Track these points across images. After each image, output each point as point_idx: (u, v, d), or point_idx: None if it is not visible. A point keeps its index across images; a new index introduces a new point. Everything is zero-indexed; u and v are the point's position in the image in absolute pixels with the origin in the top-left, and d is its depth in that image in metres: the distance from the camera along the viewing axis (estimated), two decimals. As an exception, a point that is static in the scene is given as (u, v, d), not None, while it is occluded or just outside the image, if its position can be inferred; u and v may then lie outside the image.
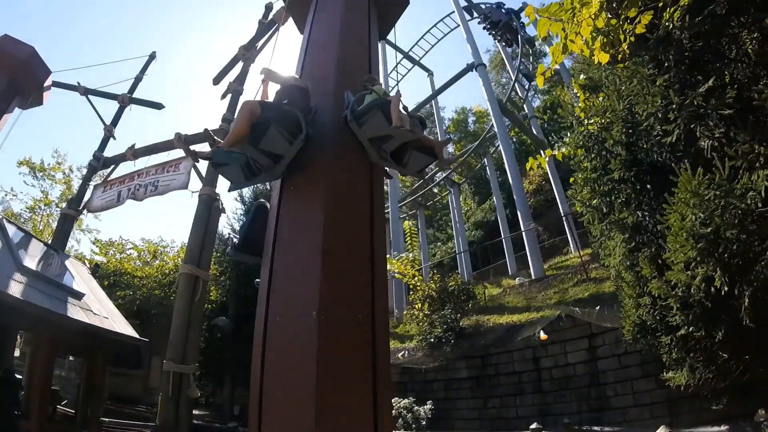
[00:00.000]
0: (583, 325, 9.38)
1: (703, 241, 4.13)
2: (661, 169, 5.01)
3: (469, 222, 31.25)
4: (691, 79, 4.69)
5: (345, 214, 3.91)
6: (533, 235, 15.98)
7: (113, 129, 13.77)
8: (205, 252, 8.63)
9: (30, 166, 21.72)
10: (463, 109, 44.13)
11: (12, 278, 7.47)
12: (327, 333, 3.29)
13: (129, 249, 19.23)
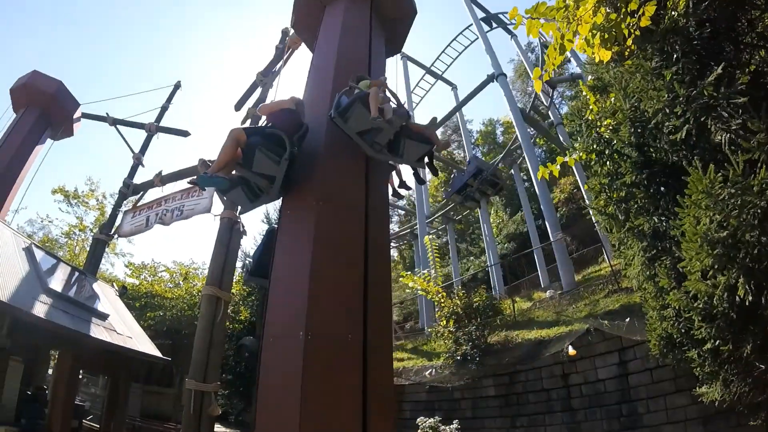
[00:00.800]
0: (613, 338, 8.94)
1: (719, 246, 3.83)
2: (675, 170, 4.71)
3: (501, 235, 30.77)
4: (702, 70, 4.36)
5: (337, 236, 3.86)
6: (562, 245, 15.51)
7: (142, 157, 14.29)
8: (226, 274, 8.72)
9: (64, 194, 22.91)
10: (490, 120, 43.80)
11: (38, 300, 7.83)
12: (312, 354, 3.22)
13: (161, 271, 19.78)
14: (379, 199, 4.38)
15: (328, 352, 3.19)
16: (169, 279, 19.15)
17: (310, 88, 5.28)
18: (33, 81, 11.97)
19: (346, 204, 3.90)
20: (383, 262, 4.02)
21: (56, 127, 12.72)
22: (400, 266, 41.29)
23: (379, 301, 3.67)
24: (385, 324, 3.71)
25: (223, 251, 8.73)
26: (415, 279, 14.25)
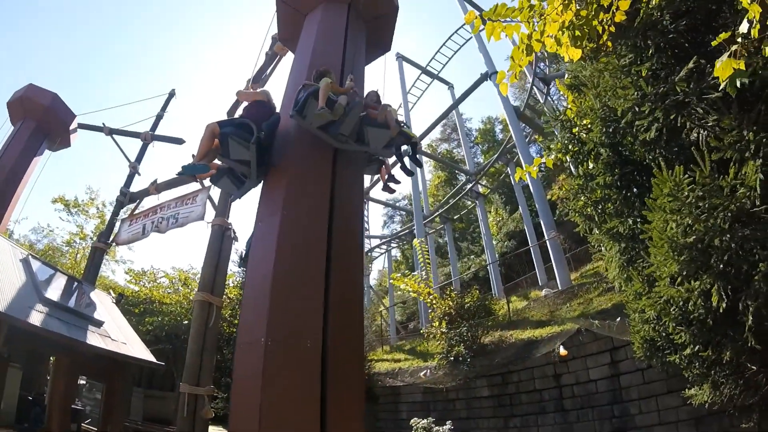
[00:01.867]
0: (604, 338, 8.89)
1: (686, 252, 3.80)
2: (649, 170, 4.63)
3: (501, 233, 30.73)
4: (678, 64, 4.27)
5: (299, 242, 3.90)
6: (557, 243, 15.46)
7: (138, 165, 14.42)
8: (218, 279, 8.83)
9: (64, 203, 23.26)
10: (489, 118, 43.79)
11: (34, 309, 8.01)
12: (271, 359, 3.27)
13: (161, 277, 19.93)
14: (349, 197, 4.38)
15: (287, 359, 3.24)
16: (169, 285, 19.28)
17: (287, 92, 5.41)
18: (29, 94, 12.16)
19: (308, 210, 3.93)
20: (352, 266, 4.04)
21: (53, 138, 12.89)
22: (403, 266, 41.40)
23: (345, 305, 3.67)
24: (351, 328, 3.71)
25: (214, 257, 8.83)
26: (406, 281, 14.24)
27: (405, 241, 31.91)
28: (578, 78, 5.87)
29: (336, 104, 4.13)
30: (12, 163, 11.51)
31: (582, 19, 4.27)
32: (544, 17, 4.18)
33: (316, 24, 5.74)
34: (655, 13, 4.42)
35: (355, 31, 5.95)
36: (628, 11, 4.14)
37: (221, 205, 9.41)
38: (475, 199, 25.43)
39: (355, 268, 4.16)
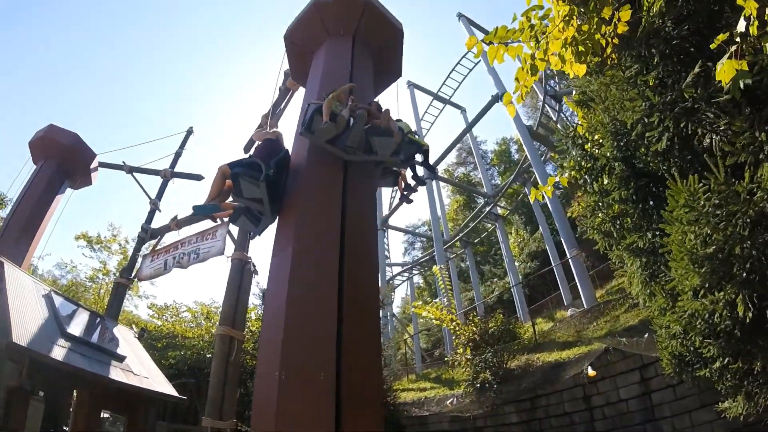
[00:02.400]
0: (633, 356, 8.61)
1: (706, 264, 3.67)
2: (664, 182, 4.55)
3: (524, 254, 30.29)
4: (684, 71, 4.16)
5: (311, 272, 3.91)
6: (579, 261, 15.17)
7: (158, 202, 14.70)
8: (238, 313, 8.86)
9: (87, 240, 23.76)
10: (503, 139, 43.68)
11: (56, 344, 8.16)
12: (286, 392, 3.24)
13: (183, 312, 20.06)
14: (362, 222, 4.41)
15: (301, 391, 3.21)
16: (191, 319, 19.41)
17: (299, 123, 5.55)
18: (50, 134, 12.55)
19: (319, 242, 3.97)
20: (366, 296, 4.02)
21: (75, 176, 13.26)
22: (426, 293, 41.00)
23: (360, 335, 3.65)
24: (367, 359, 3.67)
25: (234, 291, 8.87)
26: (428, 309, 14.05)
27: (426, 268, 31.70)
28: (586, 93, 5.82)
29: (338, 117, 4.24)
30: (34, 201, 11.84)
31: (584, 34, 4.23)
32: (546, 35, 4.18)
33: (323, 59, 5.96)
34: (656, 21, 4.38)
35: (361, 60, 6.11)
36: (630, 21, 4.10)
37: (240, 240, 9.51)
38: (494, 221, 25.24)
39: (370, 297, 4.15)
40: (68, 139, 12.75)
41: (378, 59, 6.65)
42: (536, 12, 4.06)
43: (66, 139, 12.72)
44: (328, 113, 4.29)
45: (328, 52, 5.98)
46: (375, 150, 4.53)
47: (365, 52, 6.36)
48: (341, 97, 4.61)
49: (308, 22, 6.34)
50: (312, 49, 6.36)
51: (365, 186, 4.84)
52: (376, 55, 6.62)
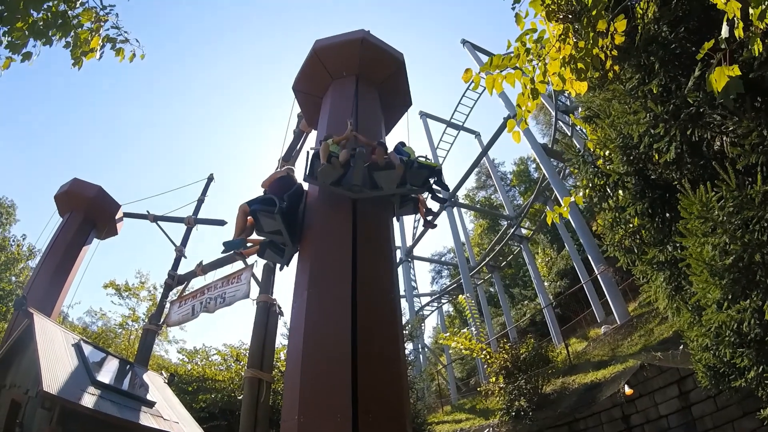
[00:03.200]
0: (669, 370, 8.27)
1: (726, 275, 3.54)
2: (677, 191, 4.45)
3: (552, 273, 29.68)
4: (683, 77, 4.13)
5: (325, 315, 3.93)
6: (608, 276, 14.80)
7: (183, 249, 14.97)
8: (266, 355, 8.89)
9: (115, 288, 24.28)
10: (521, 159, 43.51)
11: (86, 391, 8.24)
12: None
13: (213, 355, 20.11)
14: (374, 257, 4.42)
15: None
16: (221, 362, 19.43)
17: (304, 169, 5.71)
18: (74, 188, 13.04)
19: (332, 283, 3.99)
20: (383, 335, 3.96)
21: (101, 227, 13.65)
22: (456, 321, 40.40)
23: (378, 376, 3.59)
24: (386, 394, 3.61)
25: (261, 333, 8.93)
26: (457, 339, 13.79)
27: (455, 295, 31.29)
28: (591, 109, 5.80)
29: (332, 159, 4.37)
30: (62, 252, 12.23)
31: (582, 51, 4.20)
32: (543, 57, 4.18)
33: (329, 101, 6.14)
34: (652, 27, 4.36)
35: (366, 96, 6.25)
36: (626, 31, 4.08)
37: (264, 282, 9.61)
38: (519, 242, 24.91)
39: (388, 336, 4.08)
40: (92, 191, 13.20)
41: (385, 92, 6.78)
42: (530, 35, 4.07)
43: (90, 191, 13.17)
44: (325, 157, 4.50)
45: (333, 94, 6.17)
46: (380, 186, 4.60)
47: (370, 88, 6.50)
48: (342, 140, 4.83)
49: (311, 70, 6.55)
50: (320, 94, 6.56)
51: (377, 221, 4.87)
52: (383, 89, 6.76)
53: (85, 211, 13.05)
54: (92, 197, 13.12)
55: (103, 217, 13.55)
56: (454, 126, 28.73)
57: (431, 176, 5.28)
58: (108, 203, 13.65)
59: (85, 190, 13.16)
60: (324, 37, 6.63)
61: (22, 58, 3.60)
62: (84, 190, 13.14)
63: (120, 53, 4.30)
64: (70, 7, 3.68)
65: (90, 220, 13.23)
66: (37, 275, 12.17)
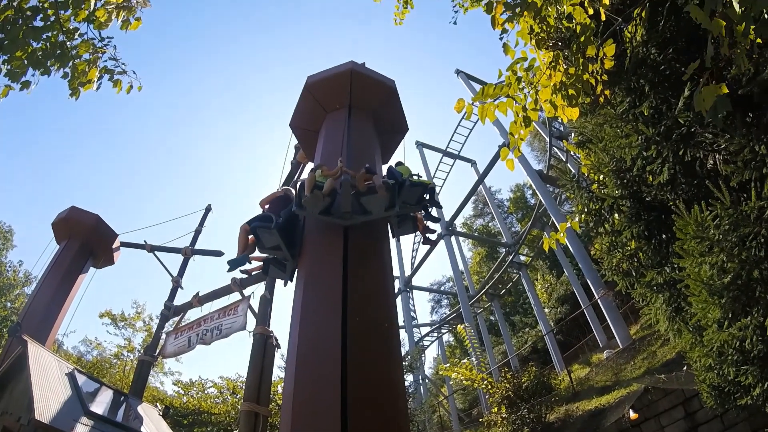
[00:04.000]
0: (674, 391, 8.13)
1: (725, 294, 3.53)
2: (672, 212, 4.45)
3: (552, 299, 29.48)
4: (674, 97, 4.17)
5: (315, 346, 3.84)
6: (608, 301, 14.71)
7: (180, 280, 14.84)
8: (263, 389, 8.71)
9: (111, 317, 24.08)
10: (517, 186, 43.71)
11: (78, 421, 8.07)
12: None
13: (209, 387, 19.82)
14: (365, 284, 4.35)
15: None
16: (217, 394, 19.14)
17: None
18: (72, 215, 12.91)
19: (322, 313, 3.94)
20: (377, 369, 3.83)
21: (97, 256, 13.50)
22: (457, 350, 39.90)
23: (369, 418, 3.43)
24: (379, 426, 3.49)
25: (258, 366, 8.74)
26: (458, 370, 13.57)
27: (455, 325, 30.98)
28: (584, 134, 5.85)
29: (314, 190, 4.63)
30: (58, 280, 12.05)
31: (572, 77, 4.26)
32: (534, 85, 4.23)
33: (323, 135, 6.23)
34: (641, 50, 4.43)
35: (358, 126, 6.32)
36: (616, 55, 4.14)
37: (261, 314, 9.49)
38: (518, 270, 24.82)
39: (383, 369, 3.93)
40: (90, 220, 13.10)
41: (379, 119, 6.84)
42: (521, 64, 4.12)
43: (88, 220, 13.07)
44: (310, 187, 4.63)
45: (327, 127, 6.28)
46: (368, 210, 4.68)
47: (362, 117, 6.57)
48: (331, 175, 4.93)
49: (305, 105, 6.66)
50: (316, 128, 6.65)
51: (370, 248, 4.88)
52: (377, 116, 6.82)
53: (83, 240, 12.94)
54: (90, 226, 13.03)
55: (100, 246, 13.43)
56: (450, 155, 28.99)
57: (425, 193, 5.37)
58: (105, 232, 13.55)
59: (82, 218, 13.05)
60: (315, 73, 6.75)
61: (21, 86, 3.63)
62: (82, 218, 13.04)
63: (117, 84, 4.33)
64: (68, 38, 3.73)
65: (87, 249, 13.11)
66: (32, 302, 11.99)
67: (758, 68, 3.40)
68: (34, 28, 3.59)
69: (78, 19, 3.84)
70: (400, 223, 5.62)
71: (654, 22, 4.42)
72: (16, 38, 3.50)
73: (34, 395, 7.36)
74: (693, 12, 2.48)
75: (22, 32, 3.53)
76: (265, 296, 9.31)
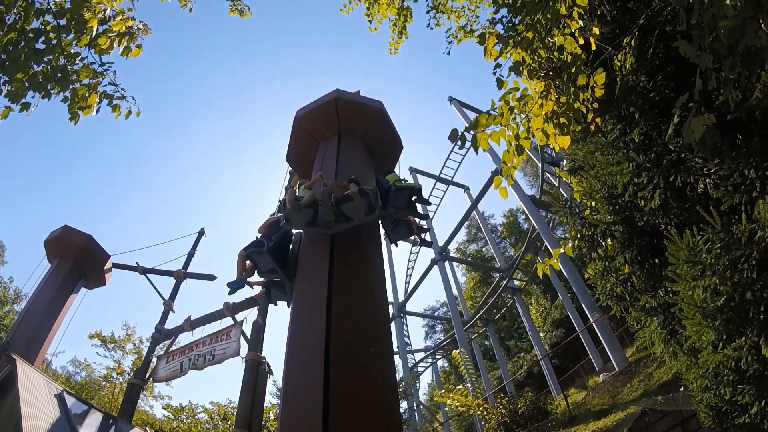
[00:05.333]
0: (671, 412, 8.08)
1: (719, 316, 3.57)
2: (665, 237, 4.51)
3: (547, 323, 29.41)
4: (663, 124, 4.27)
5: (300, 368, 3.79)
6: (603, 324, 14.71)
7: (172, 303, 14.69)
8: (255, 414, 8.59)
9: (101, 339, 23.67)
10: (510, 211, 44.01)
11: None
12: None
13: (200, 413, 19.43)
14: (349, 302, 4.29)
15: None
16: (208, 420, 18.78)
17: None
18: (64, 235, 12.82)
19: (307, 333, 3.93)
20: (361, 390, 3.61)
21: (89, 277, 13.35)
22: (452, 376, 39.53)
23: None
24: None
25: (250, 392, 8.63)
26: (453, 396, 13.43)
27: (449, 350, 30.75)
28: (575, 161, 5.96)
29: (293, 204, 4.85)
30: (49, 300, 11.89)
31: (564, 106, 4.37)
32: (527, 114, 4.32)
33: (317, 162, 6.33)
34: (630, 78, 4.55)
35: (348, 152, 6.41)
36: (606, 83, 4.23)
37: (254, 340, 9.40)
38: (512, 294, 24.82)
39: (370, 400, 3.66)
40: (82, 240, 13.00)
41: (372, 141, 6.89)
42: (513, 94, 4.20)
43: (80, 240, 12.97)
44: (290, 201, 4.87)
45: (320, 154, 6.39)
46: (350, 216, 4.83)
47: (352, 142, 6.64)
48: (311, 184, 5.26)
49: (297, 138, 6.78)
50: (311, 159, 6.73)
51: (357, 257, 4.94)
52: (368, 139, 6.86)
53: (74, 259, 12.83)
54: (82, 245, 12.92)
55: (92, 267, 13.30)
56: (444, 181, 29.21)
57: (412, 196, 5.52)
58: (97, 252, 13.43)
59: (75, 238, 12.97)
60: (303, 106, 6.89)
61: (21, 108, 3.66)
62: (74, 238, 12.96)
63: (116, 110, 4.39)
64: (69, 62, 3.78)
65: (79, 269, 12.99)
66: (22, 320, 11.82)
67: (745, 94, 3.50)
68: (36, 50, 3.65)
69: (80, 45, 3.90)
70: (395, 228, 5.76)
71: (643, 50, 4.56)
72: (18, 60, 3.54)
73: (23, 415, 7.22)
74: (682, 47, 2.58)
75: (24, 54, 3.58)
76: (257, 322, 9.24)
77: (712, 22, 2.54)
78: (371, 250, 5.17)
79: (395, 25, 7.21)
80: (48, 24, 3.71)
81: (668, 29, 4.40)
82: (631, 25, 4.67)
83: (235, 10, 6.77)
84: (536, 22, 3.74)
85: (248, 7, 6.79)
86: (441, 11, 6.97)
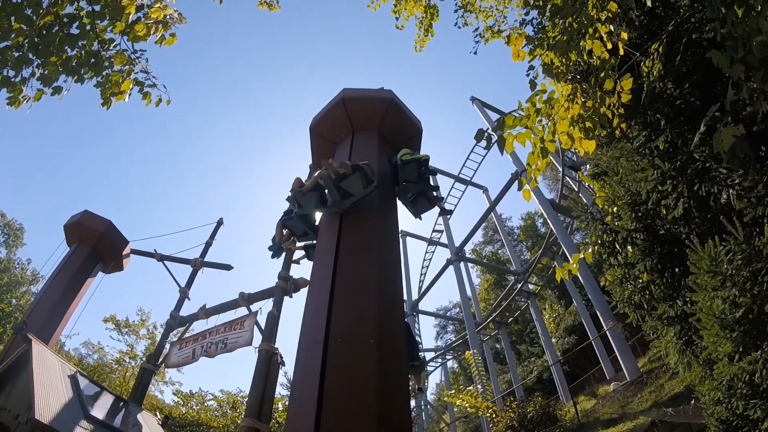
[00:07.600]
0: (681, 425, 8.01)
1: (737, 328, 3.55)
2: (686, 246, 4.45)
3: (560, 329, 29.15)
4: (689, 132, 4.23)
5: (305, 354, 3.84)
6: (617, 332, 14.55)
7: (188, 291, 14.88)
8: (265, 405, 8.66)
9: (115, 323, 24.00)
10: (528, 214, 43.66)
11: (78, 425, 8.01)
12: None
13: (209, 400, 19.73)
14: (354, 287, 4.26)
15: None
16: (217, 408, 19.06)
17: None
18: (84, 220, 12.98)
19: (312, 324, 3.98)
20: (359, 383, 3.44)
21: (107, 262, 13.48)
22: (461, 377, 39.45)
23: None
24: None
25: (261, 382, 8.71)
26: (462, 397, 13.37)
27: (460, 351, 30.66)
28: (599, 166, 5.92)
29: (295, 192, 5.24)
30: (66, 282, 12.04)
31: (590, 110, 4.33)
32: (553, 117, 4.30)
33: (351, 152, 6.31)
34: (657, 85, 4.51)
35: (361, 145, 6.39)
36: (633, 89, 4.18)
37: (268, 331, 9.49)
38: (526, 298, 24.64)
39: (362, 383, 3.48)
40: (102, 225, 13.13)
41: (388, 133, 6.79)
42: (540, 96, 4.19)
43: (100, 225, 13.10)
44: (295, 189, 5.25)
45: (357, 145, 6.41)
46: (352, 192, 4.94)
47: (369, 136, 6.60)
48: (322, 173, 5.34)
49: (334, 116, 6.61)
50: (336, 140, 6.81)
51: (364, 238, 4.93)
52: (384, 130, 6.72)
53: (93, 244, 12.94)
54: (101, 231, 13.03)
55: (111, 252, 13.42)
56: (462, 181, 28.98)
57: (420, 167, 5.66)
58: (116, 238, 13.57)
59: (95, 224, 13.09)
60: (352, 88, 6.84)
61: (53, 91, 3.72)
62: (94, 223, 13.08)
63: (147, 97, 4.44)
64: (103, 48, 3.84)
65: (97, 253, 13.11)
66: (39, 301, 12.00)
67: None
68: (69, 35, 3.65)
69: (115, 31, 3.95)
70: (414, 202, 5.92)
71: (671, 57, 4.51)
72: (52, 44, 3.56)
73: (36, 394, 7.35)
74: (715, 57, 2.56)
75: (59, 38, 3.59)
76: (272, 313, 9.31)
77: (746, 35, 2.52)
78: (380, 239, 5.05)
79: (421, 22, 7.23)
80: (81, 10, 3.72)
81: (696, 37, 4.35)
82: (660, 31, 4.62)
83: (264, 3, 6.83)
84: (569, 25, 3.72)
85: (276, 0, 6.85)
86: (469, 11, 6.96)
